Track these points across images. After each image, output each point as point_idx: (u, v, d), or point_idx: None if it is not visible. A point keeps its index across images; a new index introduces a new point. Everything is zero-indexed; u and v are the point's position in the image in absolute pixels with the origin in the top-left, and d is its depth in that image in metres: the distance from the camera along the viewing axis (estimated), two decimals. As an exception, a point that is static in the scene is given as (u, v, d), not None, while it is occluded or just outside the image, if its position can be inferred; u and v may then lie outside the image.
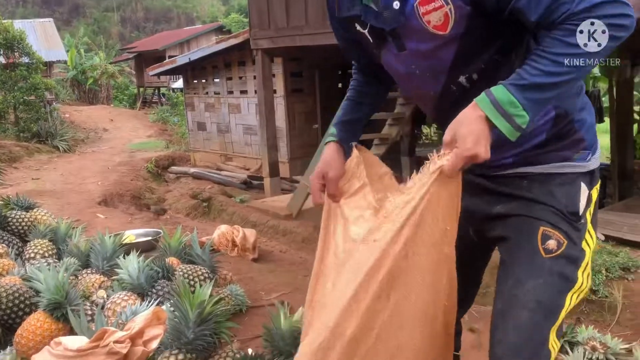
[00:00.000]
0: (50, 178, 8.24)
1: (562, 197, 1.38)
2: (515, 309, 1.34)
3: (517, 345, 1.32)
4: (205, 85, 10.53)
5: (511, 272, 1.38)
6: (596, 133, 1.45)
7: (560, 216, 1.36)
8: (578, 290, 1.37)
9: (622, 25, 1.21)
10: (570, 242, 1.35)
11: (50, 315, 2.41)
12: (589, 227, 1.40)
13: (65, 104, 18.85)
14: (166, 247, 3.25)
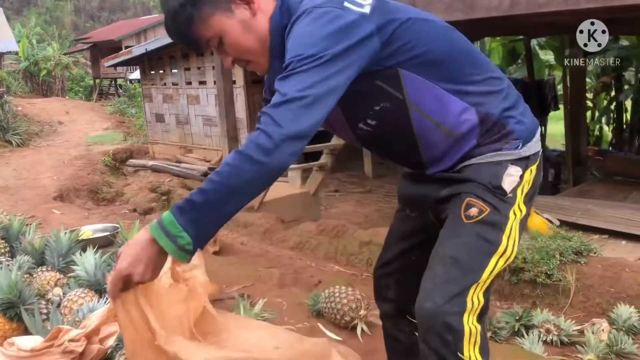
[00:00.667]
0: (2, 174, 7.99)
1: (486, 174, 1.50)
2: (434, 262, 1.50)
3: (429, 290, 1.45)
4: (163, 76, 10.35)
5: (439, 237, 1.52)
6: (532, 123, 1.58)
7: (485, 189, 1.48)
8: (502, 254, 1.47)
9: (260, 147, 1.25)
10: (493, 210, 1.47)
11: (3, 315, 2.35)
12: (518, 201, 1.51)
13: (18, 96, 18.25)
14: (124, 242, 3.20)
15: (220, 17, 1.42)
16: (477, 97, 1.49)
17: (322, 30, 1.32)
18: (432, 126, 1.48)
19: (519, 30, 8.25)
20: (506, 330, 3.19)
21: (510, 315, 3.26)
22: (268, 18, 1.45)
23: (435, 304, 1.42)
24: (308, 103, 1.27)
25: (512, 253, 1.49)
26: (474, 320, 1.43)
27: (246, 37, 1.45)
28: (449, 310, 1.41)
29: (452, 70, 1.47)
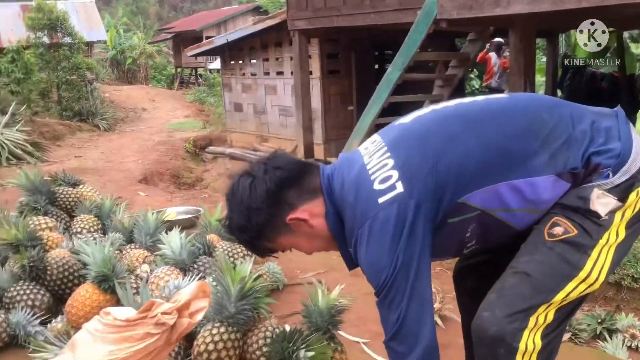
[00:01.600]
0: (91, 156, 8.47)
1: (574, 198, 1.42)
2: (505, 275, 1.44)
3: (492, 301, 1.40)
4: (242, 67, 10.59)
5: (519, 251, 1.45)
6: (622, 144, 1.41)
7: (576, 212, 1.40)
8: (584, 280, 1.38)
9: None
10: (581, 232, 1.38)
11: (98, 287, 2.52)
12: (616, 225, 1.39)
13: (105, 83, 19.23)
14: (207, 224, 3.34)
15: (285, 237, 1.55)
16: (549, 163, 1.40)
17: (379, 249, 1.37)
18: (526, 213, 1.44)
19: (611, 22, 7.85)
20: (587, 333, 3.08)
21: (591, 317, 3.15)
22: (323, 218, 1.53)
23: (494, 315, 1.37)
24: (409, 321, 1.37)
25: (596, 280, 1.38)
26: (535, 337, 1.36)
27: (313, 243, 1.58)
28: (507, 325, 1.35)
29: (503, 162, 1.40)
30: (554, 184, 1.40)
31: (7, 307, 2.67)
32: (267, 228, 1.51)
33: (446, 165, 1.39)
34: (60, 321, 2.56)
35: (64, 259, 2.81)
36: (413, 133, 1.48)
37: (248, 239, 1.55)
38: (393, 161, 1.41)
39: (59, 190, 3.68)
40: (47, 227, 3.24)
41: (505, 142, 1.41)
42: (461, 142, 1.41)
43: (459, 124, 1.45)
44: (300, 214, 1.50)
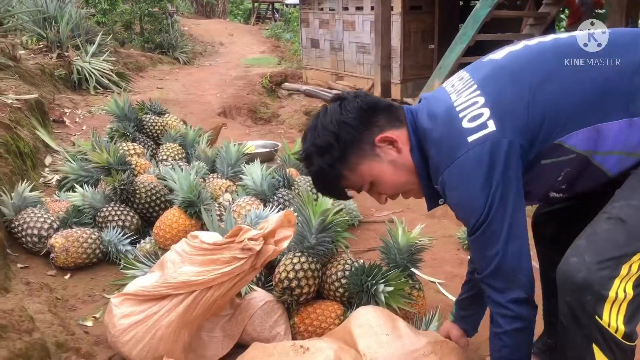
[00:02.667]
0: (172, 88, 8.66)
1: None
2: (598, 220, 1.32)
3: (581, 247, 1.30)
4: (321, 1, 10.38)
5: (614, 195, 1.34)
6: None
7: None
8: None
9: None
10: None
11: (184, 212, 2.63)
12: None
13: (184, 17, 19.42)
14: (285, 158, 3.38)
15: (369, 163, 1.47)
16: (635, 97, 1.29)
17: (472, 187, 1.33)
18: (623, 157, 1.33)
19: None
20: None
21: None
22: (409, 150, 1.48)
23: (583, 260, 1.27)
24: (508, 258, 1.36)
25: None
26: (628, 286, 1.25)
27: (398, 174, 1.50)
28: (596, 271, 1.25)
29: (604, 101, 1.30)
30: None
31: (100, 226, 2.84)
32: (353, 148, 1.46)
33: (542, 103, 1.32)
34: (149, 242, 2.70)
35: (151, 184, 2.93)
36: (506, 70, 1.40)
37: (330, 162, 1.47)
38: (484, 99, 1.35)
39: (146, 119, 3.81)
40: (135, 153, 3.38)
41: (607, 79, 1.31)
42: (559, 78, 1.33)
43: (556, 60, 1.36)
44: (390, 134, 1.47)
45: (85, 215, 2.86)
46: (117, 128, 3.68)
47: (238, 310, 2.08)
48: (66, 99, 6.41)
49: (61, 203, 3.00)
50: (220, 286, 1.83)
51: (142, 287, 1.89)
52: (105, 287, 2.54)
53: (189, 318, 1.85)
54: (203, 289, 1.82)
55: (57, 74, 6.97)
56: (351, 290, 2.08)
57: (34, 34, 7.87)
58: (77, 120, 5.83)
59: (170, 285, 1.83)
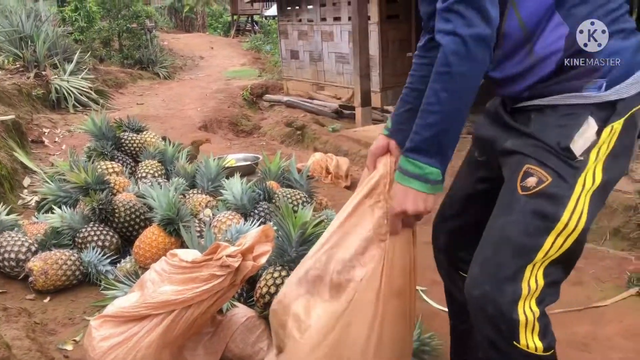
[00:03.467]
0: (153, 103, 8.64)
1: (556, 131, 1.30)
2: (484, 242, 1.37)
3: (477, 277, 1.34)
4: (299, 12, 10.43)
5: (494, 209, 1.38)
6: (632, 58, 1.29)
7: (551, 152, 1.29)
8: (562, 231, 1.28)
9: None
10: (556, 180, 1.28)
11: (163, 230, 2.61)
12: (592, 166, 1.29)
13: (164, 31, 19.41)
14: (266, 171, 3.37)
15: None
16: (572, 10, 1.29)
17: None
18: (521, 38, 1.32)
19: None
20: (655, 288, 2.98)
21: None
22: None
23: (484, 291, 1.30)
24: None
25: (575, 228, 1.28)
26: (531, 304, 1.29)
27: None
28: (500, 299, 1.28)
29: None
30: (556, 27, 1.30)
31: (79, 247, 2.81)
32: None
33: None
34: (129, 261, 2.67)
35: (130, 202, 2.91)
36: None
37: None
38: None
39: (124, 136, 3.78)
40: (114, 172, 3.36)
41: None
42: None
43: None
44: None
45: (64, 236, 2.83)
46: (95, 147, 3.66)
47: (220, 327, 2.06)
48: (45, 119, 6.36)
49: (39, 225, 2.97)
50: (200, 304, 1.82)
51: (122, 308, 1.87)
52: (85, 309, 2.51)
53: (169, 338, 1.83)
54: (183, 307, 1.81)
55: (35, 93, 6.92)
56: (333, 302, 2.07)
57: (10, 54, 7.81)
58: (57, 139, 5.79)
59: (149, 305, 1.81)
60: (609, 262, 3.44)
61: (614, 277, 3.21)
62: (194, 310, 1.81)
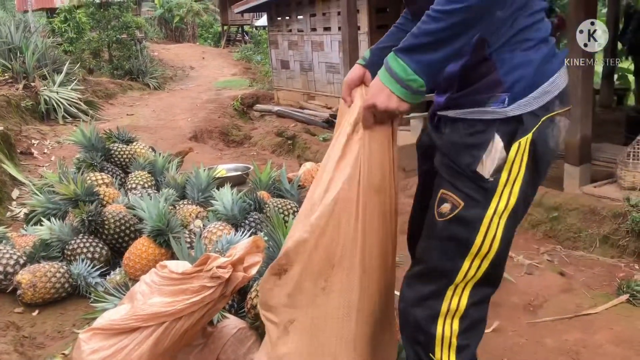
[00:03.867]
0: (143, 114, 8.62)
1: (466, 152, 1.30)
2: (414, 260, 1.46)
3: (404, 290, 1.43)
4: (289, 23, 10.47)
5: (423, 228, 1.43)
6: (539, 71, 1.27)
7: (462, 174, 1.30)
8: (477, 254, 1.31)
9: None
10: (468, 202, 1.30)
11: (153, 241, 2.59)
12: (504, 187, 1.28)
13: (154, 42, 19.41)
14: (257, 181, 3.36)
15: None
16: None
17: None
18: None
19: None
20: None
21: (650, 279, 3.05)
22: None
23: (406, 304, 1.40)
24: None
25: (490, 250, 1.30)
26: (452, 322, 1.35)
27: None
28: (419, 313, 1.37)
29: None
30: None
31: (68, 259, 2.79)
32: None
33: None
34: (119, 273, 2.65)
35: (120, 214, 2.89)
36: None
37: None
38: None
39: (114, 147, 3.77)
40: (103, 183, 3.34)
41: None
42: None
43: None
44: None
45: (53, 248, 2.81)
46: (84, 158, 3.64)
47: (210, 339, 2.05)
48: (34, 130, 6.33)
49: (28, 237, 2.94)
50: (190, 316, 1.81)
51: (111, 321, 1.85)
52: (75, 322, 2.49)
53: (160, 350, 1.82)
54: (173, 319, 1.79)
55: (24, 105, 6.88)
56: (324, 312, 2.06)
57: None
58: (46, 151, 5.75)
59: (139, 317, 1.80)
60: (598, 270, 3.46)
61: (604, 284, 3.23)
62: (185, 322, 1.80)
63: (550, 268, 3.37)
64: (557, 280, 3.11)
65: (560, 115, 1.30)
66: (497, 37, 1.27)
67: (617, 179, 4.57)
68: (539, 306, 2.79)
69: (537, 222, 4.28)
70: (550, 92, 1.28)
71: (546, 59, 1.29)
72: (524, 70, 1.27)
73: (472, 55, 1.28)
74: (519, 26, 1.28)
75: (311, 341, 1.54)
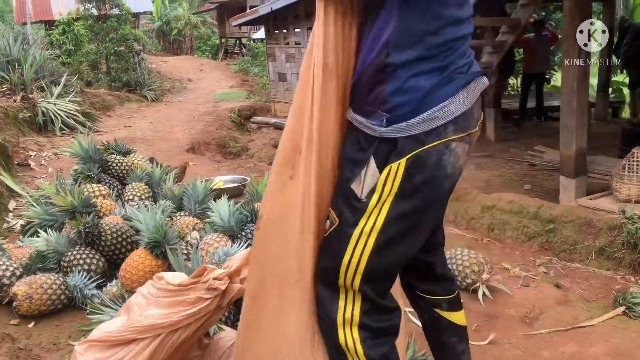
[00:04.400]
0: (140, 126, 8.64)
1: (350, 165, 1.37)
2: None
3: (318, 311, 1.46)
4: (286, 36, 10.53)
5: None
6: (420, 101, 1.26)
7: (342, 190, 1.36)
8: (347, 270, 1.36)
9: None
10: (343, 220, 1.35)
11: (150, 253, 2.59)
12: (375, 209, 1.31)
13: (152, 54, 19.48)
14: (253, 193, 3.37)
15: None
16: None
17: None
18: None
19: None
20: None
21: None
22: None
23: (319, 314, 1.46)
24: None
25: (357, 269, 1.35)
26: (352, 332, 1.40)
27: None
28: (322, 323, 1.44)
29: None
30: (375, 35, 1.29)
31: (65, 271, 2.78)
32: None
33: None
34: (115, 285, 2.65)
35: (117, 225, 2.89)
36: None
37: None
38: None
39: (111, 159, 3.78)
40: (100, 195, 3.34)
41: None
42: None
43: None
44: None
45: (50, 260, 2.80)
46: (81, 170, 3.64)
47: (207, 351, 2.04)
48: (31, 142, 6.33)
49: (24, 249, 2.94)
50: (186, 328, 1.81)
51: (108, 332, 1.85)
52: (71, 333, 2.48)
53: (156, 362, 1.81)
54: (170, 331, 1.79)
55: (22, 116, 6.89)
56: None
57: (-4, 77, 7.80)
58: (43, 162, 5.76)
59: (136, 329, 1.80)
60: (594, 282, 3.47)
61: (600, 296, 3.23)
62: (181, 333, 1.80)
63: (546, 280, 3.37)
64: (553, 292, 3.12)
65: (456, 141, 1.29)
66: (399, 51, 1.26)
67: (612, 192, 4.59)
68: (535, 318, 2.79)
69: (533, 234, 4.29)
70: (438, 117, 1.26)
71: (438, 86, 1.27)
72: (411, 96, 1.26)
73: (376, 56, 1.29)
74: (421, 52, 1.26)
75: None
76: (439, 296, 1.63)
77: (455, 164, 1.31)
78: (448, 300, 1.64)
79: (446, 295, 1.64)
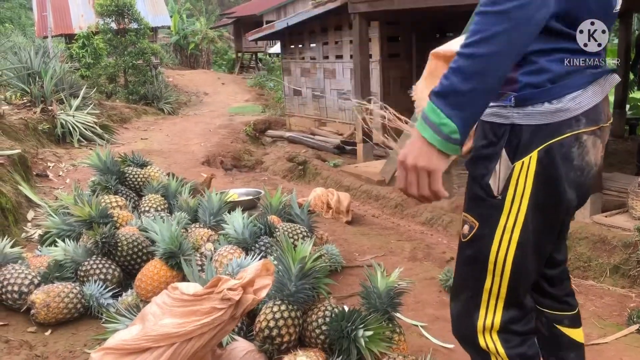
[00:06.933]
0: (157, 138, 8.74)
1: (481, 163, 1.32)
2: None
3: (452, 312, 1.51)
4: (302, 51, 10.63)
5: None
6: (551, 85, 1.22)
7: (477, 195, 1.34)
8: (494, 271, 1.36)
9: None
10: (482, 222, 1.35)
11: (165, 263, 2.63)
12: (513, 206, 1.29)
13: (169, 68, 19.74)
14: (267, 205, 3.41)
15: None
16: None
17: None
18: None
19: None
20: (655, 325, 2.97)
21: (660, 309, 3.03)
22: None
23: (454, 323, 1.51)
24: None
25: (504, 267, 1.33)
26: (492, 335, 1.41)
27: None
28: (463, 330, 1.47)
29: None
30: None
31: (81, 280, 2.83)
32: None
33: None
34: (130, 294, 2.69)
35: (133, 236, 2.94)
36: None
37: None
38: None
39: (128, 171, 3.84)
40: (117, 206, 3.40)
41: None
42: None
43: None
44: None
45: (67, 269, 2.85)
46: (99, 181, 3.70)
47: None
48: (50, 153, 6.44)
49: (42, 258, 2.99)
50: (200, 337, 1.83)
51: (123, 341, 1.88)
52: (86, 342, 2.51)
53: (169, 371, 1.84)
54: (183, 340, 1.82)
55: (41, 128, 7.02)
56: (332, 336, 2.08)
57: (17, 89, 7.96)
58: (61, 173, 5.85)
59: (150, 338, 1.83)
60: (609, 299, 3.44)
61: (614, 314, 3.21)
62: (195, 343, 1.83)
63: (559, 297, 3.35)
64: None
65: (587, 134, 1.26)
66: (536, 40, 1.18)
67: (628, 209, 4.56)
68: (548, 335, 2.78)
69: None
70: (570, 109, 1.23)
71: (569, 74, 1.24)
72: (541, 78, 1.23)
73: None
74: (556, 43, 1.23)
75: None
76: (561, 312, 1.60)
77: (584, 156, 1.27)
78: (570, 316, 1.61)
79: (568, 312, 1.61)
